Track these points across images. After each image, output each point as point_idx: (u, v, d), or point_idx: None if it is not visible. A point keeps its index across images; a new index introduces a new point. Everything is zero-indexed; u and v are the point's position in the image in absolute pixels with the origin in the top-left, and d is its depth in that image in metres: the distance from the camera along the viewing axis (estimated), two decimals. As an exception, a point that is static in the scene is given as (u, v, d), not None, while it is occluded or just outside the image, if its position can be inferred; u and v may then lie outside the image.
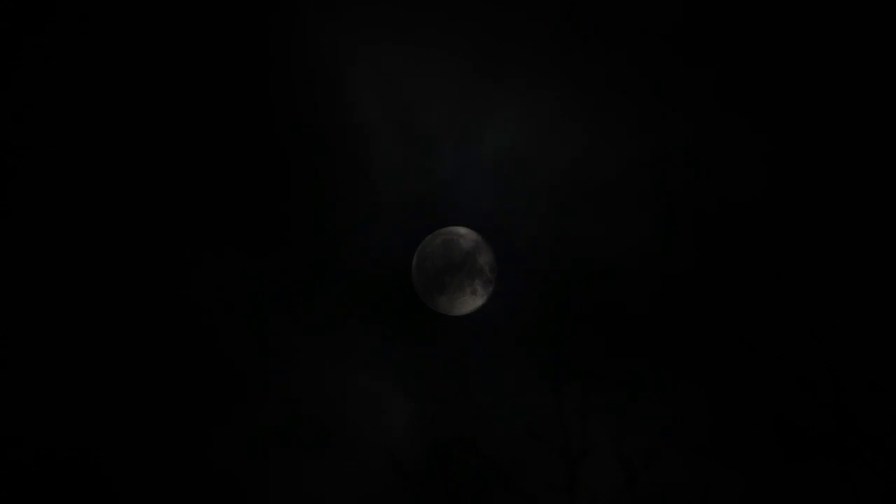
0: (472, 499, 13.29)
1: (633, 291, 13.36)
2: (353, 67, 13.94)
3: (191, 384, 13.49)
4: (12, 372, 13.21)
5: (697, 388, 13.03)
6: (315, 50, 13.94)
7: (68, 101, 13.55)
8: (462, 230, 14.02)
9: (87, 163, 13.64)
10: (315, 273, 13.89)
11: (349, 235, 13.95)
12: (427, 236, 14.02)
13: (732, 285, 13.09)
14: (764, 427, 12.79)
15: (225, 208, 13.91)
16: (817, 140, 13.22)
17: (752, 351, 12.94)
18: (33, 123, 13.46)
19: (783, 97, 13.38)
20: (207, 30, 13.81)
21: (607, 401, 13.26)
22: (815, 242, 12.99)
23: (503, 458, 13.28)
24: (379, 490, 13.38)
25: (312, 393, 13.69)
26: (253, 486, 13.39)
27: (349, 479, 13.45)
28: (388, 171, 14.00)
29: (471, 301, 13.93)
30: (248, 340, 13.68)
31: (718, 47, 13.50)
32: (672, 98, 13.56)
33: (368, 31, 13.91)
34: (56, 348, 13.38)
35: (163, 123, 13.80)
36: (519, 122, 13.84)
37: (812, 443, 12.57)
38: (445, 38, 13.88)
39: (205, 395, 13.51)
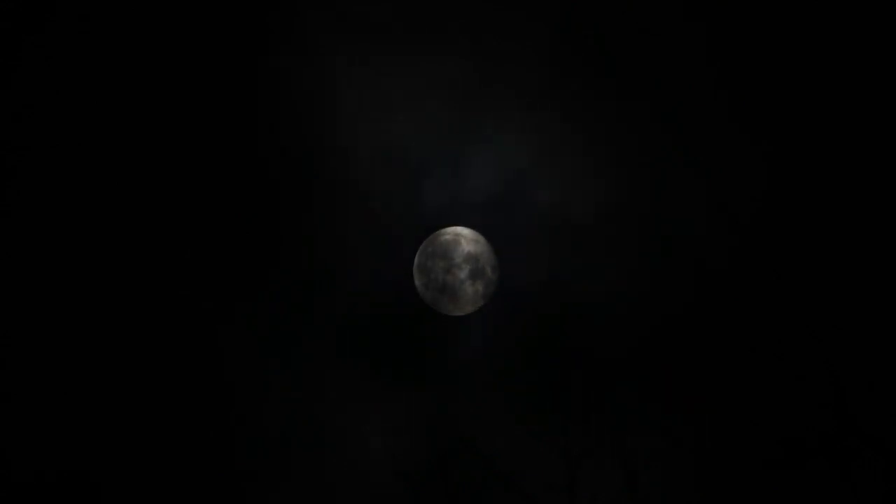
0: (472, 499, 13.30)
1: (634, 292, 13.38)
2: (346, 90, 13.99)
3: (193, 385, 13.50)
4: (12, 371, 13.21)
5: (698, 389, 13.05)
6: (309, 71, 13.98)
7: (68, 101, 13.55)
8: (464, 230, 14.04)
9: (87, 163, 13.64)
10: (316, 274, 13.91)
11: (350, 237, 13.99)
12: (430, 236, 14.06)
13: (733, 287, 13.11)
14: (764, 427, 12.82)
15: (224, 207, 13.92)
16: (817, 141, 13.24)
17: (752, 351, 12.97)
18: (33, 123, 13.45)
19: (782, 99, 13.40)
20: (207, 34, 13.83)
21: (608, 401, 13.29)
22: (815, 243, 13.01)
23: (503, 458, 13.30)
24: (379, 490, 13.40)
25: (313, 394, 13.69)
26: (253, 486, 13.39)
27: (350, 480, 13.46)
28: (387, 178, 14.04)
29: (472, 301, 13.95)
30: (249, 342, 13.68)
31: (717, 62, 13.53)
32: (671, 103, 13.59)
33: (362, 52, 13.96)
34: (56, 348, 13.38)
35: (161, 124, 13.81)
36: (517, 146, 13.89)
37: (812, 443, 12.60)
38: (441, 63, 13.94)
39: (205, 396, 13.52)
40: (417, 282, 14.01)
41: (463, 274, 13.88)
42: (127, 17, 13.69)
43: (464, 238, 14.00)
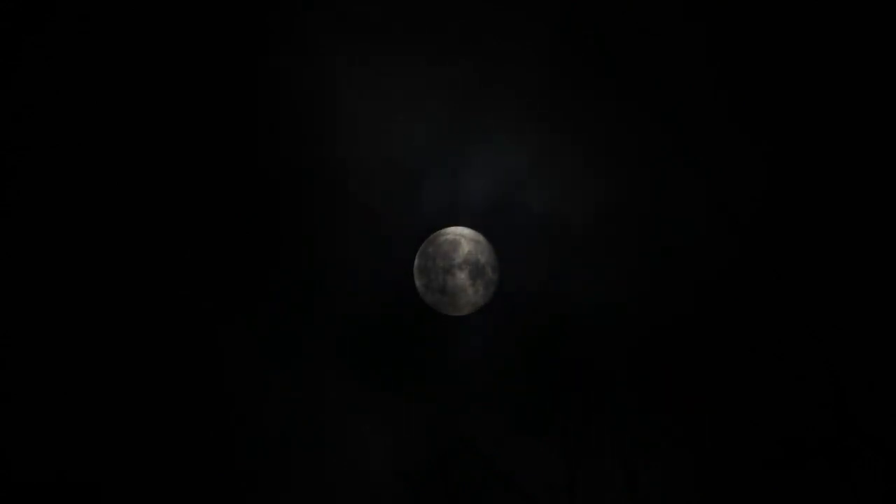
0: (472, 499, 13.31)
1: (635, 293, 13.39)
2: (345, 90, 13.98)
3: (192, 385, 13.50)
4: (12, 372, 13.22)
5: (698, 389, 13.06)
6: (308, 71, 13.97)
7: (68, 101, 13.55)
8: (464, 230, 14.04)
9: (87, 163, 13.63)
10: (316, 274, 13.90)
11: (351, 237, 13.98)
12: (430, 236, 14.06)
13: (733, 287, 13.12)
14: (764, 427, 12.82)
15: (224, 207, 13.92)
16: (817, 140, 13.25)
17: (752, 351, 12.97)
18: (33, 123, 13.45)
19: (782, 99, 13.41)
20: (207, 34, 13.83)
21: (608, 401, 13.30)
22: (815, 243, 13.01)
23: (503, 458, 13.30)
24: (379, 490, 13.40)
25: (313, 394, 13.69)
26: (252, 487, 13.39)
27: (350, 480, 13.47)
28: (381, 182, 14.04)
29: (472, 302, 13.95)
30: (249, 342, 13.68)
31: (717, 62, 13.54)
32: (671, 103, 13.59)
33: (362, 52, 13.96)
34: (56, 348, 13.38)
35: (161, 123, 13.80)
36: (517, 146, 13.88)
37: (812, 443, 12.60)
38: (441, 64, 13.93)
39: (205, 396, 13.52)
40: (418, 282, 14.01)
41: (463, 274, 13.89)
42: (127, 18, 13.70)
43: (464, 238, 14.00)
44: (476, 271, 13.91)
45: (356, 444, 13.55)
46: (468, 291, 13.91)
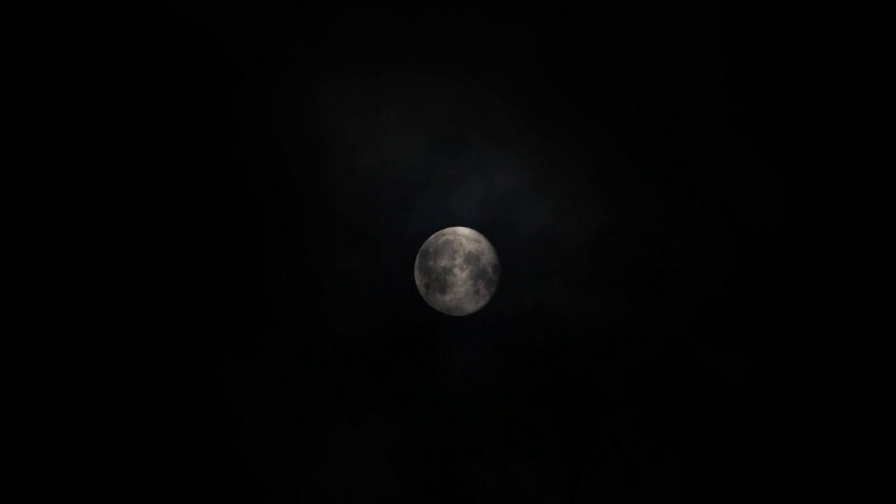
0: (472, 499, 13.31)
1: (634, 295, 13.40)
2: (346, 91, 13.97)
3: (191, 386, 13.50)
4: (13, 369, 13.21)
5: (697, 389, 13.07)
6: (309, 76, 13.98)
7: (68, 101, 13.54)
8: (464, 230, 14.04)
9: (87, 164, 13.63)
10: (316, 273, 13.90)
11: (351, 238, 13.99)
12: (430, 237, 14.05)
13: (734, 286, 13.14)
14: (763, 427, 12.84)
15: (224, 209, 13.91)
16: (815, 141, 13.27)
17: (752, 352, 12.99)
18: (33, 123, 13.44)
19: (782, 99, 13.43)
20: (207, 38, 13.82)
21: (608, 400, 13.32)
22: (815, 243, 13.03)
23: (503, 458, 13.31)
24: (379, 491, 13.40)
25: (312, 394, 13.69)
26: (251, 487, 13.39)
27: (349, 479, 13.47)
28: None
29: (473, 302, 13.94)
30: (249, 342, 13.68)
31: (719, 63, 13.55)
32: (671, 107, 13.60)
33: (361, 59, 13.95)
34: (55, 350, 13.37)
35: (160, 124, 13.80)
36: (517, 158, 13.87)
37: (812, 444, 12.62)
38: (438, 74, 13.93)
39: (204, 396, 13.52)
40: (418, 283, 14.01)
41: (464, 274, 13.89)
42: (127, 18, 13.70)
43: (464, 238, 14.00)
44: (477, 271, 13.92)
45: (356, 443, 13.55)
46: (469, 291, 13.91)
